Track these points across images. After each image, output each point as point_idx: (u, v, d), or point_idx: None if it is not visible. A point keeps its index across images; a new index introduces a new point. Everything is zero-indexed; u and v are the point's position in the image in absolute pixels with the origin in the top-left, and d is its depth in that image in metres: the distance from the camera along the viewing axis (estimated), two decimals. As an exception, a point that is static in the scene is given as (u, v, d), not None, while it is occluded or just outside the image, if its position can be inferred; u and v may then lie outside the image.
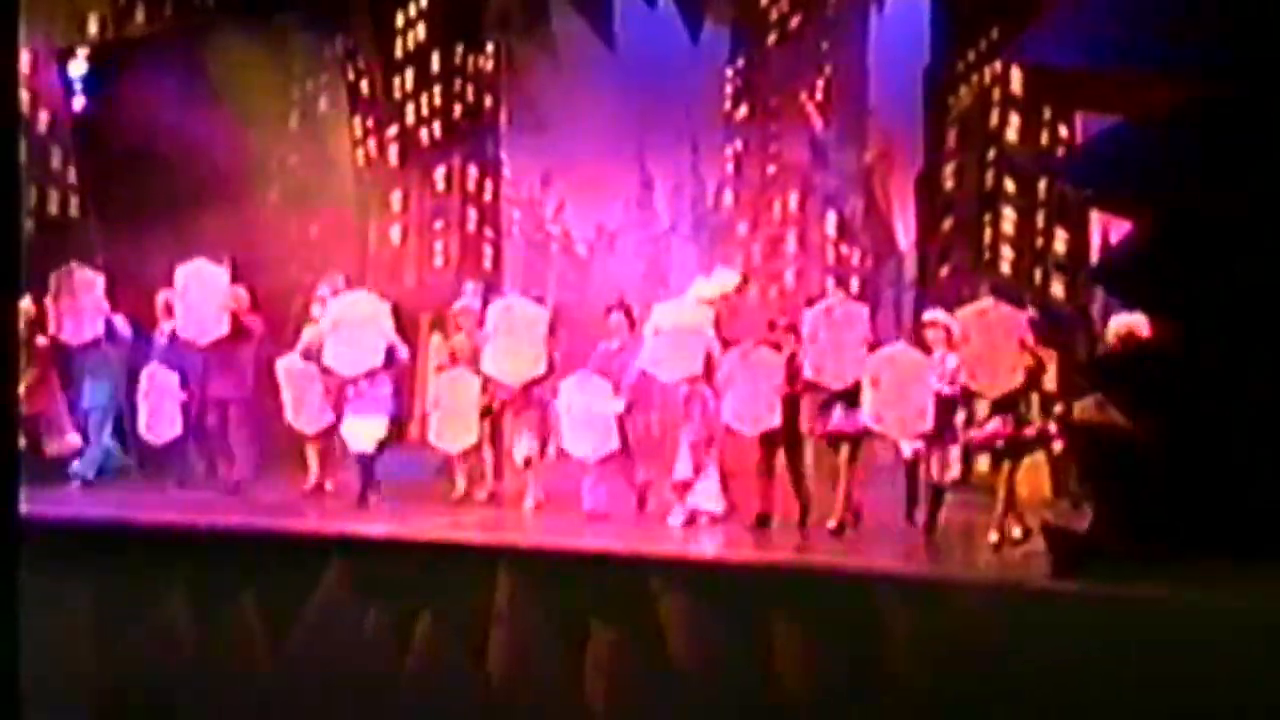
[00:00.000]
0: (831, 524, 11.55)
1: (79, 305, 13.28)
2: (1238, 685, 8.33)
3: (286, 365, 13.10)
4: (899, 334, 13.55)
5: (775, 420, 11.76)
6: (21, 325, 12.91)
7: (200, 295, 12.95)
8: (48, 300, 13.19)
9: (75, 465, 13.45)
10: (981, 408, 11.45)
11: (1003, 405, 11.18)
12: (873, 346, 11.63)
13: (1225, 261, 9.22)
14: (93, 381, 13.54)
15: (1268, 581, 8.54)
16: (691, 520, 11.83)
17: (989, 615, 9.35)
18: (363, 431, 12.58)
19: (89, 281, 13.38)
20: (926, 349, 11.66)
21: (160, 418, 13.31)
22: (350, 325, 12.55)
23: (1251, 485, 9.01)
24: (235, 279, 13.05)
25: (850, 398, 11.56)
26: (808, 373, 11.62)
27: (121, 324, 13.53)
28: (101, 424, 13.56)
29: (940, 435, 11.45)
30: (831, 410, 11.74)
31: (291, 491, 13.14)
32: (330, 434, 13.04)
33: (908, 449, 11.79)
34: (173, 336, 13.23)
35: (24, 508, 5.19)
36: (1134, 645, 8.64)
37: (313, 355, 12.81)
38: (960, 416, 11.47)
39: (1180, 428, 9.31)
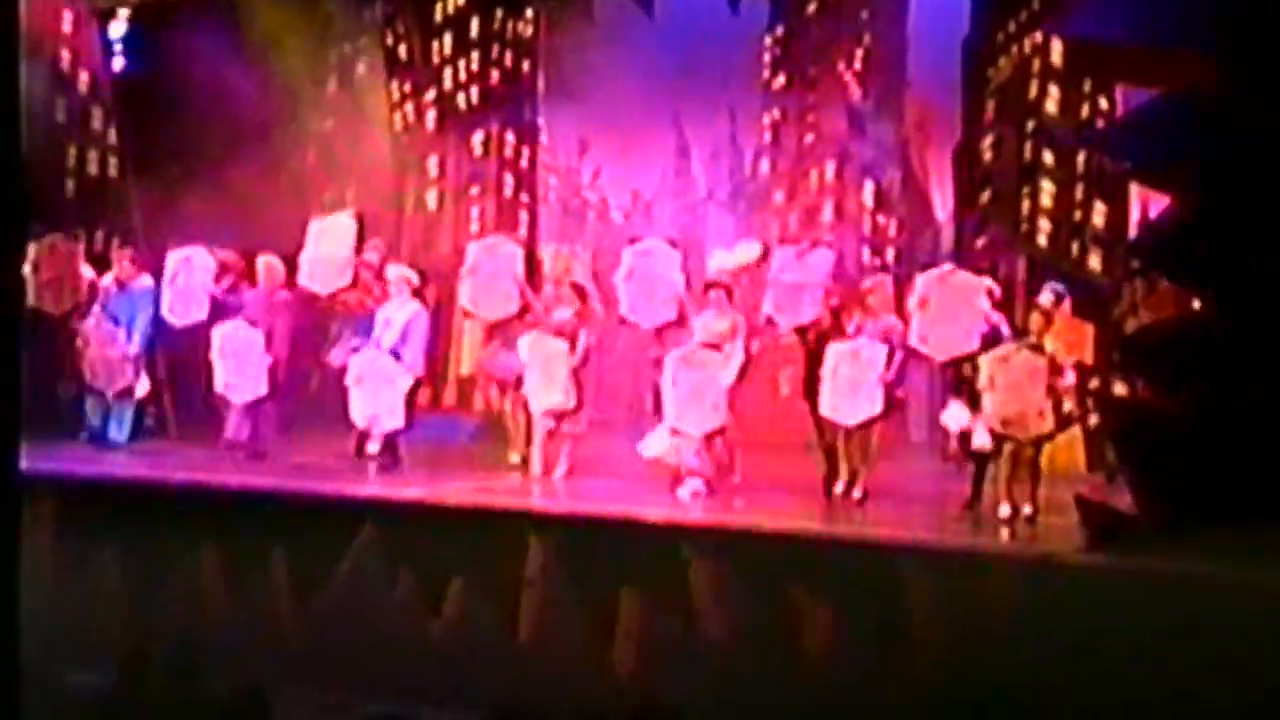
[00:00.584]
0: (857, 494, 11.55)
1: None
2: (1269, 659, 8.30)
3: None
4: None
5: (816, 314, 11.81)
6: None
7: (329, 247, 13.06)
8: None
9: (111, 431, 13.47)
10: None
11: None
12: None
13: (1264, 236, 9.18)
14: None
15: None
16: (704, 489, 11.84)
17: (1021, 588, 9.34)
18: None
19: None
20: None
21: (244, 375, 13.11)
22: (372, 379, 12.56)
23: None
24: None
25: None
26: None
27: (145, 282, 13.57)
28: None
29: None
30: None
31: (322, 454, 13.15)
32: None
33: (955, 421, 11.62)
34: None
35: (56, 467, 5.23)
36: (1166, 619, 8.62)
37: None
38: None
39: (1216, 403, 9.28)
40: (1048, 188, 14.92)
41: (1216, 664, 8.40)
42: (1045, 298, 12.11)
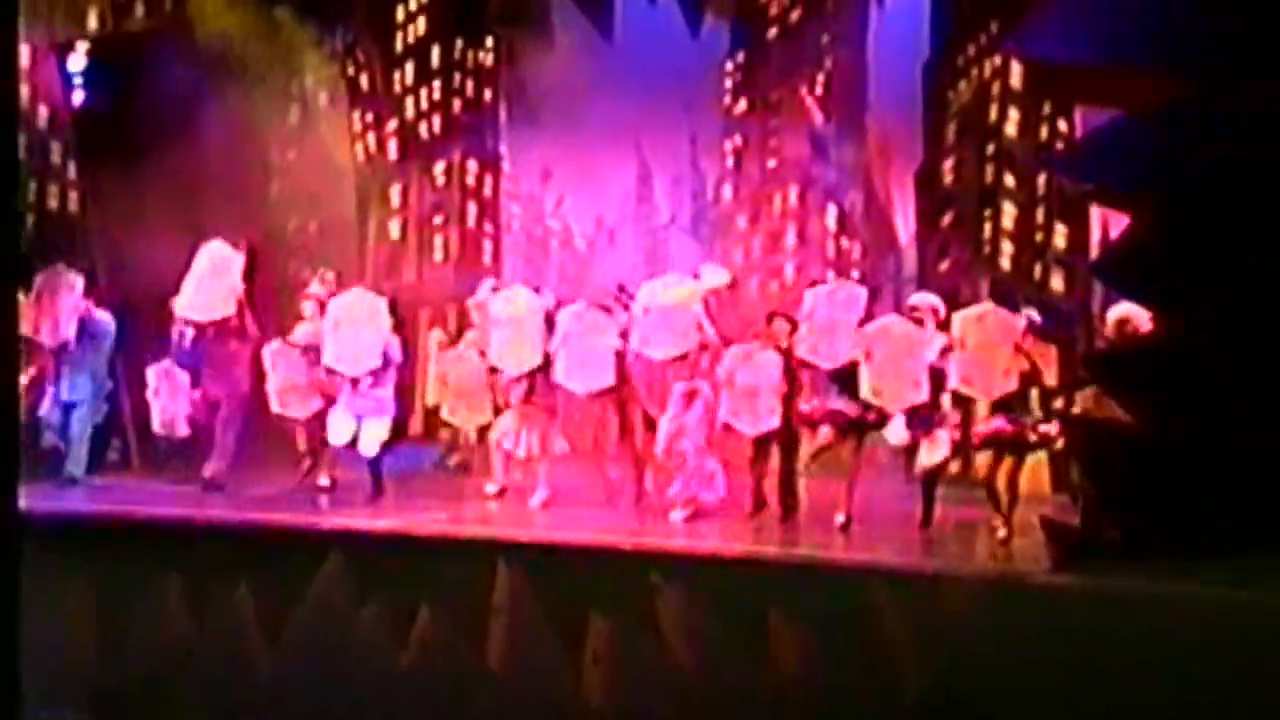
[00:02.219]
0: (840, 519, 11.55)
1: (58, 306, 13.27)
2: (1237, 678, 8.33)
3: (274, 350, 13.04)
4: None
5: (775, 422, 11.77)
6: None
7: (211, 275, 13.00)
8: (27, 301, 13.15)
9: (68, 466, 13.30)
10: (981, 405, 11.45)
11: (1004, 404, 11.17)
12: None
13: (1224, 256, 9.22)
14: (72, 376, 13.43)
15: (1267, 574, 8.56)
16: (694, 514, 11.83)
17: (989, 610, 9.36)
18: (368, 435, 12.58)
19: (70, 282, 13.39)
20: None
21: (173, 416, 13.30)
22: (349, 325, 12.54)
23: (1251, 479, 9.02)
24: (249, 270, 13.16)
25: (849, 386, 11.54)
26: (802, 351, 11.63)
27: (103, 317, 13.51)
28: (86, 419, 13.50)
29: (928, 416, 11.43)
30: (829, 394, 11.69)
31: (286, 486, 13.09)
32: (319, 419, 12.97)
33: (896, 436, 11.68)
34: (184, 338, 13.28)
35: (21, 503, 5.20)
36: (1133, 639, 8.64)
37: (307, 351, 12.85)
38: (948, 407, 11.48)
39: (1180, 422, 9.32)
40: (1009, 210, 14.99)
41: (1182, 683, 8.43)
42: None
